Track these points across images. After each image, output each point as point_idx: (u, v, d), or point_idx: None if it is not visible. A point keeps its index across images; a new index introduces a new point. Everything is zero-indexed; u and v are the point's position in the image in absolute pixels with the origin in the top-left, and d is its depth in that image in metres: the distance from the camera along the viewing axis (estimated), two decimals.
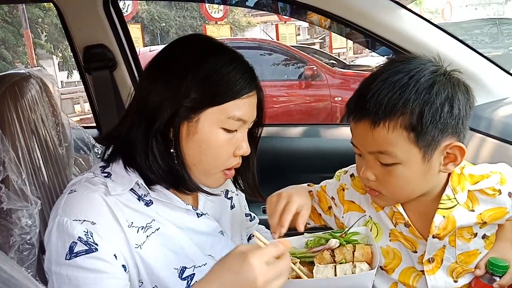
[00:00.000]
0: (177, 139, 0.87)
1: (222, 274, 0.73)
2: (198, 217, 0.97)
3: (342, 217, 1.00)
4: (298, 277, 0.82)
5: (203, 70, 0.85)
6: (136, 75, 1.88)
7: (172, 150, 0.88)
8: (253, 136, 0.99)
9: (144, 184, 0.89)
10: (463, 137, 0.83)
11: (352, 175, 1.02)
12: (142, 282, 0.89)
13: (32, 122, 1.26)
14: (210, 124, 0.86)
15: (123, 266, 0.85)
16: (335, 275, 0.80)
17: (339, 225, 1.03)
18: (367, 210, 0.97)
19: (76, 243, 0.81)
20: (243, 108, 0.88)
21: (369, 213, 0.97)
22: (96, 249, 0.82)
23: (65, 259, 0.81)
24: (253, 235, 0.80)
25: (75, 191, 0.88)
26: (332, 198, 1.04)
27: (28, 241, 1.13)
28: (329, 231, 0.93)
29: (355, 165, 0.95)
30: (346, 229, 0.90)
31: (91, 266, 0.81)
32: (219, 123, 0.87)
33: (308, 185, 1.11)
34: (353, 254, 0.82)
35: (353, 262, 0.81)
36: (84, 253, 0.81)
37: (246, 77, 0.88)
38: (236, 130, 0.89)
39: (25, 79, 1.27)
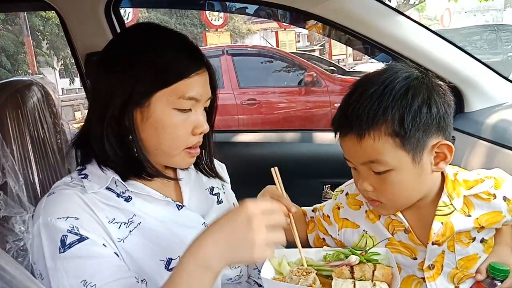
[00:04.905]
0: (132, 126, 0.89)
1: (220, 223, 0.75)
2: (179, 209, 0.97)
3: (338, 234, 1.02)
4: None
5: (148, 56, 0.88)
6: None
7: (130, 137, 0.90)
8: (208, 114, 1.00)
9: (120, 180, 0.90)
10: (449, 134, 0.86)
11: (347, 194, 1.03)
12: None
13: (33, 129, 1.26)
14: (162, 107, 0.88)
15: (115, 253, 0.86)
16: None
17: (337, 242, 1.04)
18: (361, 224, 0.98)
19: (66, 235, 0.82)
20: (192, 86, 0.89)
21: (364, 227, 0.98)
22: (87, 237, 0.83)
23: (59, 252, 0.81)
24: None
25: (53, 193, 0.89)
26: (328, 216, 1.06)
27: (21, 248, 1.12)
28: (349, 247, 0.94)
29: (350, 182, 0.97)
30: (367, 248, 0.90)
31: (87, 253, 0.82)
32: (171, 104, 0.88)
33: (312, 210, 1.12)
34: (373, 273, 0.82)
35: (372, 281, 0.81)
36: (77, 242, 0.82)
37: (190, 56, 0.90)
38: (190, 110, 0.91)
39: (27, 86, 1.28)
